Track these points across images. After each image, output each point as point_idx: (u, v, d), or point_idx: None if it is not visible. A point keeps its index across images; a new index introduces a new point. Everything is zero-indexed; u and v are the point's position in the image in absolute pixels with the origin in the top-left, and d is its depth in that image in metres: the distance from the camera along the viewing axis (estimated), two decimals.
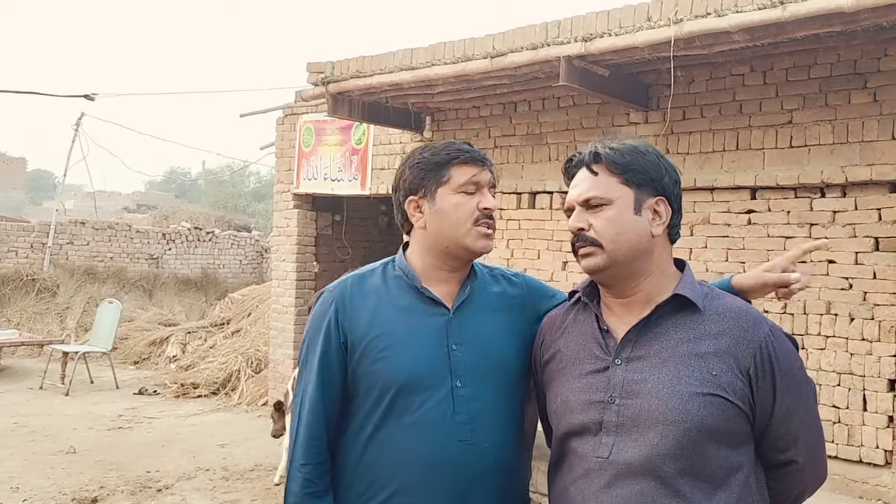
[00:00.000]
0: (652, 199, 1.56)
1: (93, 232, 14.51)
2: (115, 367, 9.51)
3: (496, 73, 4.95)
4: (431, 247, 1.78)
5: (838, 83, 4.43)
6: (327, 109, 5.99)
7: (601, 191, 1.55)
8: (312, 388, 1.76)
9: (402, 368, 1.70)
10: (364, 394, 1.74)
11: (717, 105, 4.90)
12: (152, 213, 25.06)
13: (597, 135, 5.48)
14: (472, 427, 1.69)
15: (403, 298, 1.77)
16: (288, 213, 8.07)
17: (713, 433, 1.44)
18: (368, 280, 1.82)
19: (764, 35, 3.92)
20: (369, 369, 1.72)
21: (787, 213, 4.60)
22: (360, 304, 1.77)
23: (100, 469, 5.78)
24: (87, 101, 13.29)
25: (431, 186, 1.77)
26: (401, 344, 1.72)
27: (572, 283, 5.79)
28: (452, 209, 1.75)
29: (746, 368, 1.46)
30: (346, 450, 1.76)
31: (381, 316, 1.75)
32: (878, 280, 4.26)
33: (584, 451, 1.52)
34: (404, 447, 1.69)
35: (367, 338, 1.73)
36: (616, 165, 1.55)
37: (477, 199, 1.76)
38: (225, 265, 16.39)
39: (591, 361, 1.57)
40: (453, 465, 1.68)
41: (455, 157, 1.77)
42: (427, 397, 1.69)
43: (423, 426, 1.68)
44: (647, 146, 1.60)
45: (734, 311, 1.52)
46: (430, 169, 1.77)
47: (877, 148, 4.27)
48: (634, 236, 1.53)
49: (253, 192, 36.89)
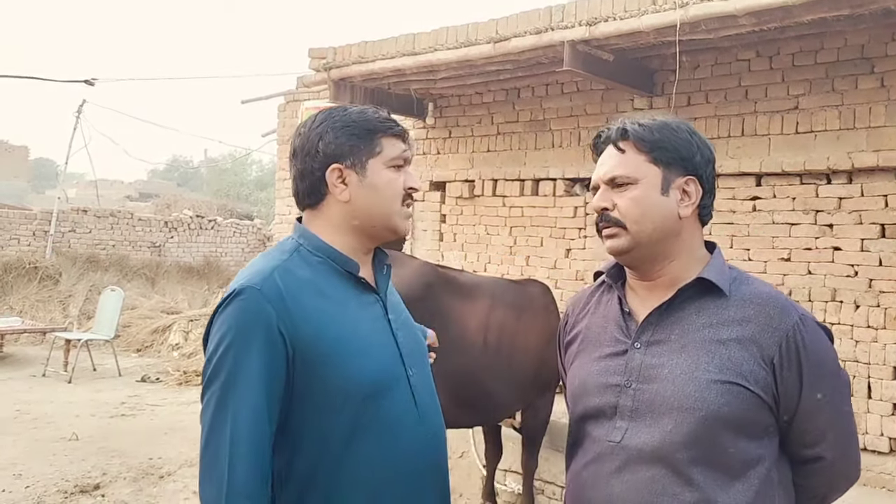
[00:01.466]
0: (681, 179, 1.49)
1: (95, 220, 14.50)
2: (118, 355, 9.51)
3: (499, 59, 4.90)
4: (356, 225, 1.57)
5: (845, 68, 4.38)
6: (329, 96, 5.94)
7: (627, 169, 1.48)
8: (253, 411, 1.40)
9: (364, 371, 1.49)
10: (321, 409, 1.46)
11: (723, 90, 4.86)
12: (154, 201, 25.06)
13: (601, 121, 5.44)
14: (427, 415, 1.59)
15: (336, 288, 1.54)
16: (290, 201, 8.04)
17: (730, 422, 1.38)
18: (295, 271, 1.51)
19: (770, 19, 3.88)
20: (326, 380, 1.45)
21: (792, 200, 4.56)
22: (299, 302, 1.47)
23: (102, 456, 5.78)
24: (87, 86, 13.24)
25: (362, 156, 1.55)
26: (355, 343, 1.50)
27: (575, 272, 5.79)
28: (385, 185, 1.57)
29: (771, 357, 1.40)
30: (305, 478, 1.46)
31: (325, 315, 1.49)
32: (884, 267, 4.22)
33: (598, 435, 1.49)
34: (381, 453, 1.50)
35: (317, 344, 1.45)
36: (644, 143, 1.48)
37: (403, 176, 1.60)
38: (227, 253, 16.39)
39: (610, 344, 1.53)
40: (426, 457, 1.59)
41: (388, 128, 1.59)
42: (392, 394, 1.53)
43: (395, 425, 1.52)
44: (679, 122, 1.52)
45: (761, 298, 1.45)
46: (361, 136, 1.56)
47: (884, 134, 4.23)
48: (660, 217, 1.47)
49: (255, 181, 36.87)
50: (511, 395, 3.85)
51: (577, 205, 5.60)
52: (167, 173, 44.76)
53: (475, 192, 6.22)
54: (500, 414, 3.99)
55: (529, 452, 4.15)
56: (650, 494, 1.39)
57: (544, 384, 3.99)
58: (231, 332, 1.43)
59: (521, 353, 3.79)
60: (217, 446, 1.42)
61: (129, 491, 5.07)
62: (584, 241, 5.55)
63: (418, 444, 1.56)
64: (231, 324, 1.43)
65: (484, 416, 3.99)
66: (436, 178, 6.51)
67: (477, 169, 6.20)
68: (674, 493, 1.38)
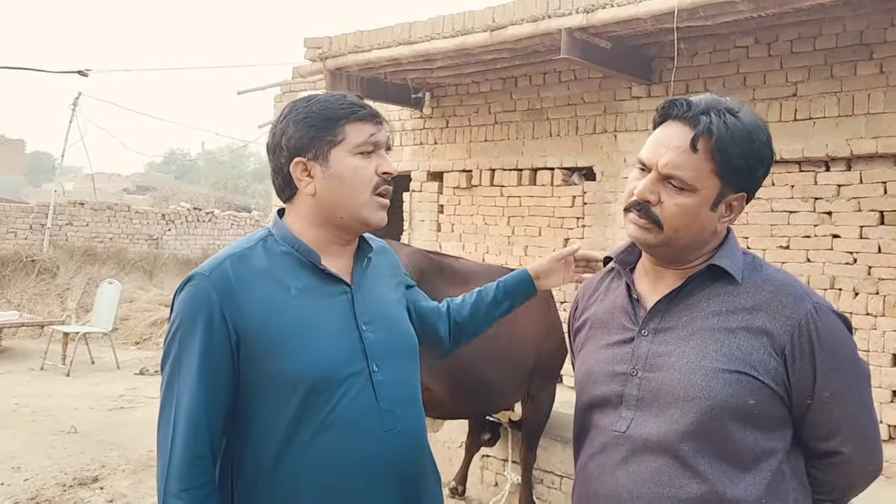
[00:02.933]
0: (733, 195, 1.40)
1: (92, 213, 14.46)
2: (116, 348, 9.50)
3: (496, 47, 4.88)
4: (324, 219, 1.55)
5: (844, 54, 4.36)
6: (325, 85, 5.92)
7: (692, 175, 1.36)
8: (191, 396, 1.42)
9: (311, 363, 1.45)
10: (267, 398, 1.46)
11: (721, 78, 4.83)
12: (152, 194, 25.02)
13: (598, 110, 5.41)
14: (394, 414, 1.52)
15: (297, 278, 1.51)
16: None
17: (738, 413, 1.33)
18: (251, 260, 1.51)
19: (769, 4, 3.85)
20: (272, 369, 1.44)
21: (791, 188, 4.54)
22: (248, 290, 1.47)
23: (101, 449, 5.77)
24: (81, 76, 13.14)
25: (323, 147, 1.51)
26: (305, 334, 1.47)
27: None
28: (351, 173, 1.51)
29: (782, 347, 1.34)
30: (254, 466, 1.47)
31: (276, 303, 1.47)
32: (882, 254, 4.21)
33: (604, 425, 1.45)
34: (327, 450, 1.45)
35: (263, 332, 1.44)
36: (721, 153, 1.35)
37: (375, 161, 1.54)
38: (225, 245, 16.28)
39: (618, 331, 1.49)
40: (385, 459, 1.51)
41: (351, 113, 1.52)
42: (345, 390, 1.47)
43: (346, 422, 1.46)
44: (762, 129, 1.39)
45: (774, 285, 1.39)
46: (321, 126, 1.51)
47: (883, 120, 4.21)
48: (699, 229, 1.40)
49: (253, 173, 36.82)
50: (509, 385, 3.84)
51: (575, 194, 5.58)
52: (164, 166, 44.70)
53: (473, 181, 6.20)
54: (497, 404, 3.98)
55: (529, 446, 4.15)
56: (656, 486, 1.36)
57: (546, 377, 3.97)
58: (179, 317, 1.47)
59: (518, 342, 3.77)
60: (164, 428, 1.46)
61: (128, 483, 5.06)
62: (582, 230, 5.53)
63: (378, 445, 1.49)
64: (179, 309, 1.48)
65: (481, 406, 3.98)
66: (433, 168, 6.49)
67: (474, 159, 6.18)
68: (680, 484, 1.34)
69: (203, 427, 1.43)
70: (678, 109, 1.40)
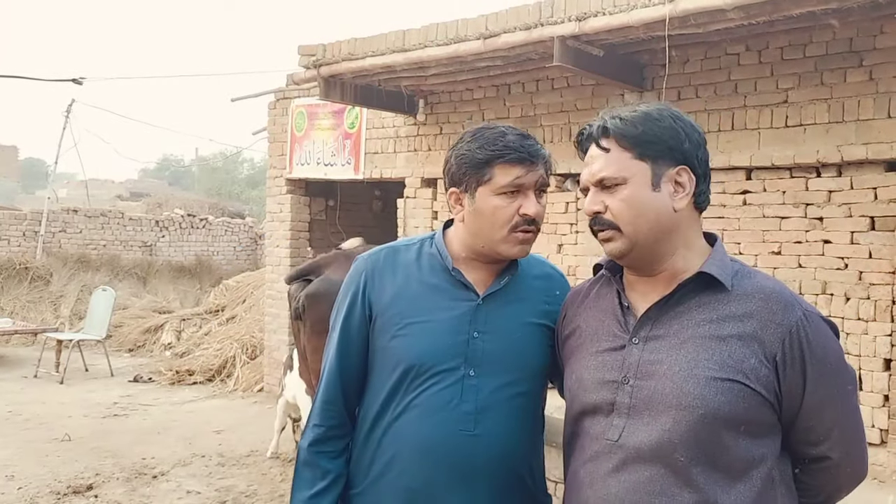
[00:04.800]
0: (672, 170, 1.42)
1: (85, 220, 14.44)
2: (110, 355, 9.48)
3: (489, 55, 4.90)
4: (468, 242, 1.74)
5: (834, 61, 4.39)
6: (319, 93, 5.93)
7: (614, 169, 1.42)
8: (332, 352, 1.76)
9: (415, 348, 1.67)
10: (379, 369, 1.72)
11: (713, 85, 4.86)
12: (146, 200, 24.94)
13: (591, 116, 5.44)
14: (476, 418, 1.64)
15: (433, 277, 1.74)
16: (281, 199, 8.02)
17: (731, 421, 1.34)
18: (402, 254, 1.79)
19: (759, 12, 3.88)
20: (386, 345, 1.70)
21: (782, 194, 4.57)
22: (389, 277, 1.75)
23: (95, 456, 5.76)
24: (76, 85, 13.15)
25: (472, 183, 1.68)
26: (420, 324, 1.69)
27: (567, 267, 5.79)
28: (491, 212, 1.66)
29: (773, 354, 1.35)
30: (360, 423, 1.75)
31: (406, 292, 1.72)
32: (873, 259, 4.24)
33: (595, 433, 1.45)
34: (404, 427, 1.67)
35: (388, 312, 1.71)
36: (627, 139, 1.42)
37: (518, 202, 1.66)
38: (219, 252, 16.33)
39: (608, 339, 1.49)
40: (449, 454, 1.64)
41: (500, 157, 1.65)
42: (435, 381, 1.65)
43: (425, 409, 1.65)
44: (661, 110, 1.45)
45: (764, 292, 1.40)
46: (473, 165, 1.68)
47: (873, 126, 4.24)
48: (654, 215, 1.42)
49: (247, 179, 36.79)
50: None
51: (568, 200, 5.60)
52: (158, 172, 44.62)
53: None
54: None
55: None
56: (648, 495, 1.36)
57: None
58: (342, 288, 1.81)
59: None
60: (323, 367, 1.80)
61: (122, 491, 5.06)
62: (575, 236, 5.55)
63: (450, 442, 1.64)
64: (343, 282, 1.82)
65: None
66: (427, 175, 6.50)
67: None
68: (672, 493, 1.35)
69: (335, 379, 1.75)
70: (584, 134, 1.51)
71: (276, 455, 5.83)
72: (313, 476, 1.73)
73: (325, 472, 1.73)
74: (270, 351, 8.02)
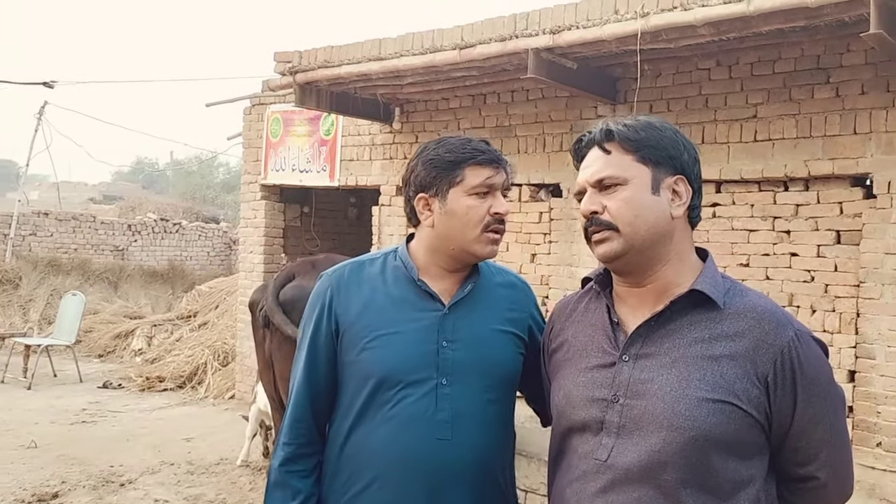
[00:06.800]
0: (670, 178, 1.44)
1: (56, 223, 14.27)
2: (79, 361, 9.36)
3: (465, 65, 4.93)
4: (437, 247, 1.75)
5: (802, 78, 4.48)
6: (295, 100, 5.92)
7: (615, 170, 1.43)
8: (300, 369, 1.77)
9: (385, 360, 1.68)
10: (348, 384, 1.73)
11: (684, 99, 4.93)
12: (119, 204, 24.68)
13: (565, 128, 5.50)
14: (452, 426, 1.67)
15: (399, 289, 1.75)
16: (255, 205, 7.99)
17: (721, 443, 1.33)
18: (367, 268, 1.80)
19: (729, 29, 3.95)
20: (355, 359, 1.71)
21: (751, 207, 4.64)
22: (355, 291, 1.76)
23: (62, 464, 5.68)
24: (47, 88, 13.00)
25: (443, 186, 1.72)
26: (388, 336, 1.70)
27: (540, 276, 5.83)
28: (464, 212, 1.70)
29: (764, 375, 1.34)
30: (332, 439, 1.76)
31: (372, 306, 1.74)
32: (839, 272, 4.32)
33: (584, 451, 1.43)
34: (381, 440, 1.67)
35: (355, 326, 1.72)
36: (630, 142, 1.43)
37: (489, 202, 1.71)
38: (192, 257, 16.20)
39: (598, 355, 1.47)
40: (428, 463, 1.66)
41: (471, 158, 1.71)
42: (409, 392, 1.67)
43: (401, 421, 1.66)
44: (663, 122, 1.48)
45: (756, 311, 1.39)
46: (443, 167, 1.72)
47: (839, 142, 4.33)
48: (653, 218, 1.41)
49: (222, 183, 36.47)
50: None
51: (542, 210, 5.64)
52: (132, 175, 44.12)
53: None
54: None
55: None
56: None
57: None
58: (307, 304, 1.82)
59: None
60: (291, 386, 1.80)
61: (89, 500, 5.00)
62: (549, 245, 5.59)
63: (426, 450, 1.66)
64: (308, 300, 1.82)
65: None
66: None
67: None
68: None
69: (304, 396, 1.75)
70: (584, 140, 1.51)
71: (247, 463, 5.78)
72: (284, 496, 1.73)
73: (296, 492, 1.73)
74: (243, 358, 7.96)
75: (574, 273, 5.41)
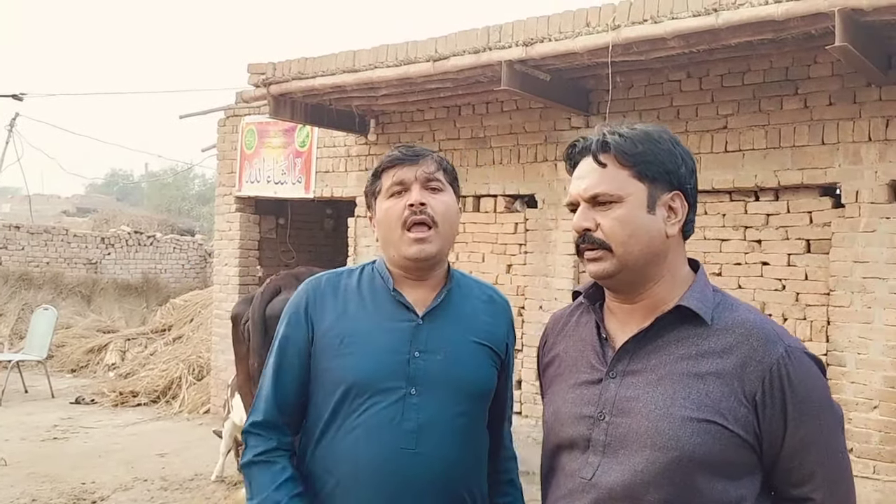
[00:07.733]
0: (667, 195, 1.38)
1: (28, 236, 14.06)
2: (51, 376, 9.20)
3: (439, 77, 4.95)
4: (386, 257, 1.79)
5: (771, 89, 4.55)
6: (269, 111, 5.91)
7: (611, 186, 1.36)
8: (268, 374, 1.78)
9: (355, 367, 1.68)
10: (320, 391, 1.73)
11: (656, 110, 4.99)
12: (92, 216, 24.40)
13: (539, 139, 5.53)
14: (417, 436, 1.65)
15: (374, 299, 1.76)
16: (230, 217, 7.93)
17: (706, 463, 1.28)
18: (344, 279, 1.82)
19: (699, 41, 4.01)
20: (327, 366, 1.71)
21: (722, 217, 4.70)
22: (331, 300, 1.77)
23: (32, 482, 5.58)
24: (16, 100, 12.84)
25: (372, 199, 1.79)
26: (360, 344, 1.70)
27: (516, 287, 5.83)
28: (385, 215, 1.73)
29: (752, 393, 1.29)
30: (303, 446, 1.76)
31: (347, 314, 1.75)
32: (809, 281, 4.38)
33: (571, 469, 1.41)
34: (346, 447, 1.67)
35: (329, 333, 1.73)
36: (627, 157, 1.36)
37: (405, 199, 1.70)
38: (167, 270, 16.04)
39: (586, 371, 1.43)
40: (391, 472, 1.64)
41: (386, 165, 1.75)
42: (377, 401, 1.66)
43: (367, 428, 1.66)
44: (661, 131, 1.41)
45: (745, 327, 1.34)
46: (370, 182, 1.79)
47: (807, 153, 4.40)
48: (647, 238, 1.36)
49: (197, 196, 36.22)
50: None
51: (517, 221, 5.66)
52: (106, 188, 43.69)
53: None
54: None
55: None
56: None
57: None
58: (283, 311, 1.83)
59: None
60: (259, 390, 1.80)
61: None
62: (524, 256, 5.61)
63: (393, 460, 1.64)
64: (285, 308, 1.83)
65: None
66: None
67: None
68: None
69: (272, 401, 1.74)
70: (579, 146, 1.44)
71: (221, 479, 5.72)
72: (272, 473, 1.69)
73: (283, 468, 1.70)
74: (217, 371, 7.88)
75: (549, 283, 5.43)
